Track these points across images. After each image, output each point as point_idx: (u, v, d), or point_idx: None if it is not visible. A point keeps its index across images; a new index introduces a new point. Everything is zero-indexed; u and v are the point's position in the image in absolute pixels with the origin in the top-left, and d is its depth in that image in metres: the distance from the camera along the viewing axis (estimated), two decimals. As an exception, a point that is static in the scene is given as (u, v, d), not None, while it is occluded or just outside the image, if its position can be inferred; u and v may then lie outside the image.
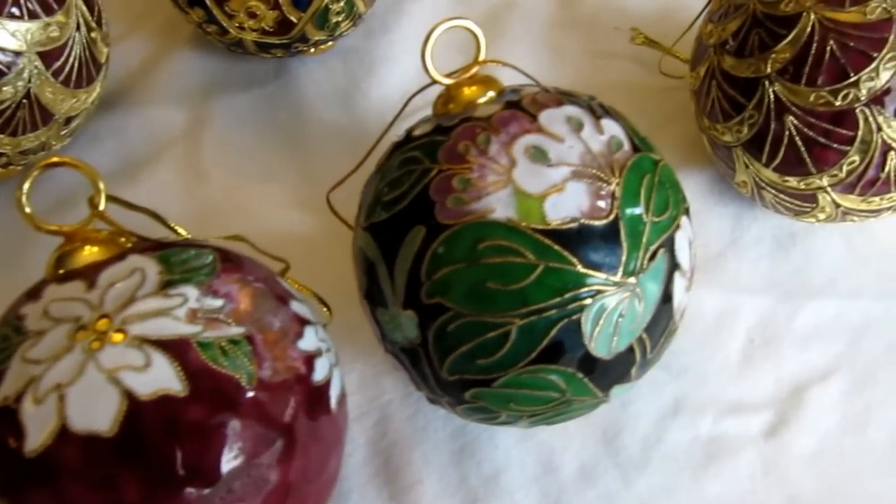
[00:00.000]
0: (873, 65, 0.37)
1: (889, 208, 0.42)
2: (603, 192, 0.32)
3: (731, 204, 0.47)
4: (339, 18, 0.47)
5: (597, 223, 0.32)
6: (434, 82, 0.36)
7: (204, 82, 0.51)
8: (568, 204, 0.32)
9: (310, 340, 0.33)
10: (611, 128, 0.34)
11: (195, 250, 0.33)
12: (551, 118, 0.33)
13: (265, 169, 0.48)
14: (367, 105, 0.51)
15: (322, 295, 0.40)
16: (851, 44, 0.38)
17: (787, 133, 0.39)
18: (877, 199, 0.41)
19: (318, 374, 0.33)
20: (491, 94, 0.36)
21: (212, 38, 0.47)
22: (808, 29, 0.38)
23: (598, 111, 0.35)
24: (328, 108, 0.51)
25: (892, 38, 0.37)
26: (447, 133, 0.34)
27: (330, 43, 0.50)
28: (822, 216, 0.42)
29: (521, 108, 0.34)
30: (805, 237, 0.47)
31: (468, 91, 0.36)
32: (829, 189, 0.40)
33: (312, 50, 0.50)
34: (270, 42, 0.47)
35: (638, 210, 0.33)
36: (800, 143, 0.39)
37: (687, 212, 0.36)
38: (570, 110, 0.34)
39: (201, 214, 0.46)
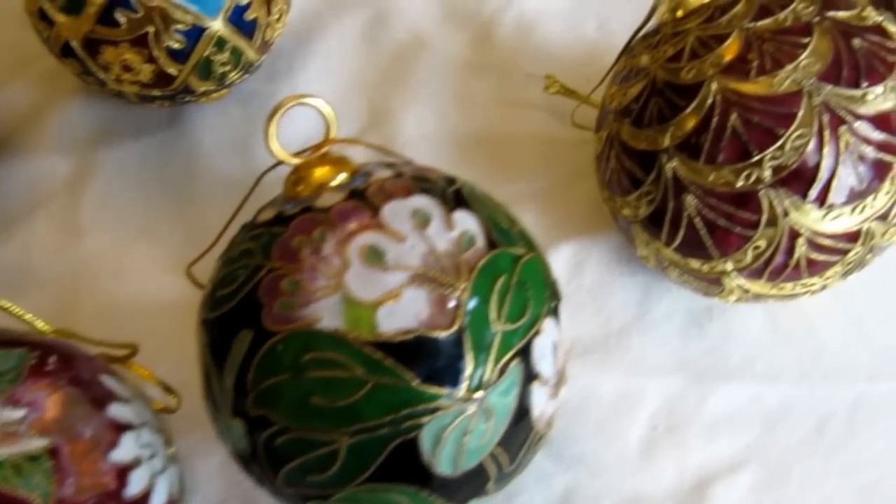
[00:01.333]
0: (779, 143, 0.34)
1: (805, 293, 0.38)
2: (446, 299, 0.29)
3: (641, 273, 0.44)
4: (226, 69, 0.44)
5: (437, 334, 0.29)
6: (280, 162, 0.33)
7: (92, 130, 0.48)
8: (404, 313, 0.29)
9: (126, 449, 0.30)
10: (464, 222, 0.31)
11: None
12: (395, 212, 0.30)
13: (148, 226, 0.45)
14: (266, 155, 0.48)
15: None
16: (756, 119, 0.34)
17: (686, 214, 0.36)
18: (789, 284, 0.37)
19: (134, 488, 0.30)
20: (343, 176, 0.32)
21: (93, 87, 0.44)
22: (710, 100, 0.35)
23: (453, 201, 0.31)
24: (223, 158, 0.47)
25: (801, 113, 0.34)
26: (286, 224, 0.31)
27: (224, 91, 0.46)
28: (732, 298, 0.39)
29: (365, 198, 0.31)
30: (723, 312, 0.43)
31: (319, 172, 0.33)
32: (734, 274, 0.37)
33: (204, 99, 0.46)
34: (153, 94, 0.44)
35: (487, 317, 0.29)
36: (700, 225, 0.36)
37: (555, 311, 0.32)
38: (419, 202, 0.31)
39: (72, 276, 0.43)
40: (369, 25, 0.52)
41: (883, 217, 0.35)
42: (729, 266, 0.36)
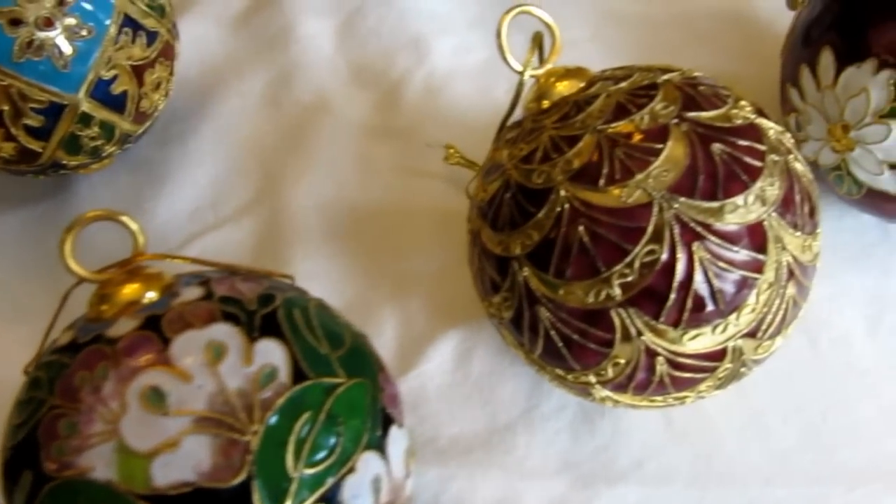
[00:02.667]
0: (627, 259, 0.31)
1: (680, 404, 0.35)
2: (233, 446, 0.27)
3: (531, 364, 0.41)
4: (98, 143, 0.42)
5: (220, 486, 0.27)
6: (82, 280, 0.31)
7: (-28, 199, 0.46)
8: (182, 464, 0.27)
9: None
10: (267, 353, 0.29)
11: None
12: (187, 345, 0.28)
13: (19, 306, 0.44)
14: (153, 226, 0.46)
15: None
16: (603, 232, 0.31)
17: (542, 325, 0.33)
18: (658, 398, 0.34)
19: None
20: (151, 294, 0.31)
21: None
22: (558, 209, 0.32)
23: (259, 328, 0.29)
24: (105, 230, 0.46)
25: (651, 227, 0.31)
26: (76, 354, 0.29)
27: (106, 161, 0.45)
28: (609, 404, 0.36)
29: (159, 327, 0.29)
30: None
31: (126, 290, 0.31)
32: (598, 387, 0.34)
33: (83, 170, 0.45)
34: (22, 169, 0.42)
35: (283, 462, 0.27)
36: (556, 338, 0.33)
37: (377, 444, 0.30)
38: (217, 332, 0.29)
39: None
40: (272, 85, 0.50)
41: (751, 334, 0.32)
42: (592, 378, 0.34)
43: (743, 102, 0.34)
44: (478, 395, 0.41)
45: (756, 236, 0.31)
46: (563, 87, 0.35)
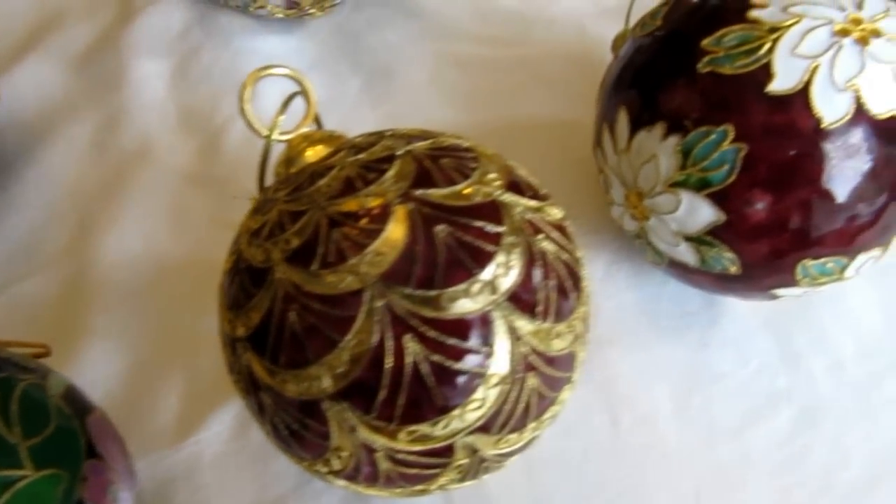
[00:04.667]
0: (335, 351, 0.29)
1: (423, 493, 0.33)
2: None
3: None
4: None
5: None
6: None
7: None
8: None
9: None
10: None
11: None
12: None
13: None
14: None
15: None
16: (313, 320, 0.29)
17: (266, 412, 0.31)
18: (396, 489, 0.32)
19: None
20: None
21: None
22: (273, 292, 0.30)
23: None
24: None
25: (360, 317, 0.28)
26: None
27: None
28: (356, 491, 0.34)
29: None
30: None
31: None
32: (330, 476, 0.32)
33: None
34: None
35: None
36: (281, 426, 0.31)
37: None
38: None
39: None
40: (101, 130, 0.49)
41: (484, 429, 0.30)
42: (322, 468, 0.32)
43: (491, 176, 0.31)
44: (251, 467, 0.39)
45: (482, 327, 0.29)
46: (312, 154, 0.33)
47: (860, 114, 0.32)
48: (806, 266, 0.35)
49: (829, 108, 0.32)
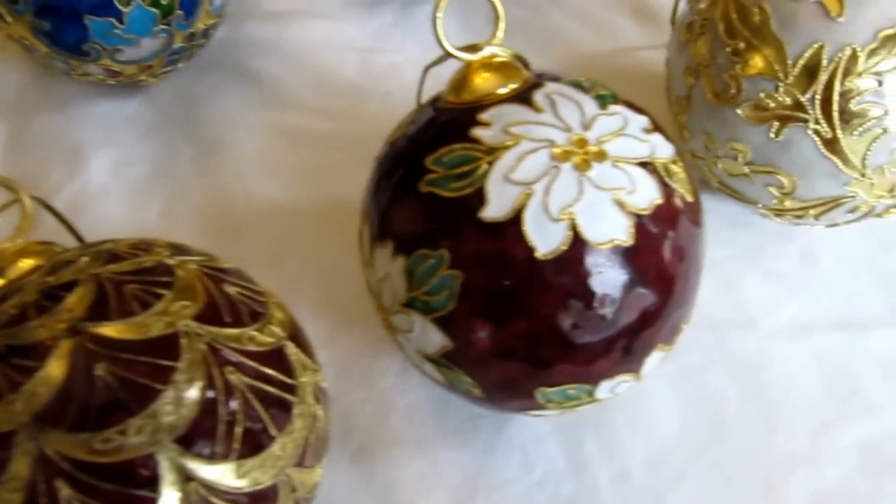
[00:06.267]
0: None
1: None
2: None
3: None
4: None
5: None
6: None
7: None
8: None
9: None
10: None
11: None
12: None
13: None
14: None
15: None
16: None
17: None
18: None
19: None
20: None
21: None
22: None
23: None
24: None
25: (15, 460, 0.28)
26: None
27: None
28: None
29: None
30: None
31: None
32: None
33: None
34: None
35: None
36: None
37: None
38: None
39: None
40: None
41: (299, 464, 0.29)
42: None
43: (180, 304, 0.30)
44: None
45: (143, 470, 0.28)
46: (26, 265, 0.32)
47: (578, 243, 0.30)
48: (545, 392, 0.33)
49: (543, 238, 0.30)
